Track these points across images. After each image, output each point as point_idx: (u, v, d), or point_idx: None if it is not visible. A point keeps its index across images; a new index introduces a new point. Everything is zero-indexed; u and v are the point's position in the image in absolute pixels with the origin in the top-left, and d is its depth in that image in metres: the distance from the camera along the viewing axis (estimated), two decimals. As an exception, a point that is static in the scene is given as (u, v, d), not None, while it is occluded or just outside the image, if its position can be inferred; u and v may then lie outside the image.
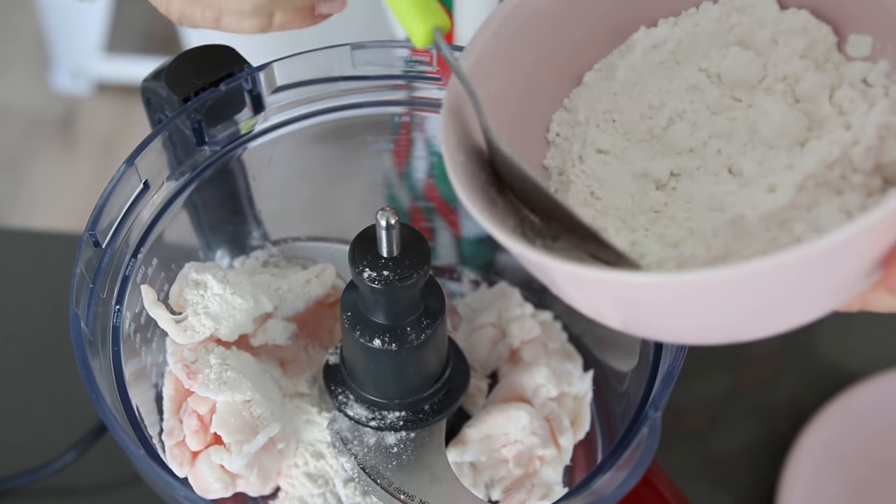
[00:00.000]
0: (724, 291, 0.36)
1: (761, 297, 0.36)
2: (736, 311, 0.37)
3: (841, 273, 0.37)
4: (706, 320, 0.38)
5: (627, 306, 0.38)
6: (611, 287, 0.37)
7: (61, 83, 1.69)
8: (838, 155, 0.40)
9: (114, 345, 0.48)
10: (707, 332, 0.40)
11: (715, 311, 0.37)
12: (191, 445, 0.50)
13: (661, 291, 0.36)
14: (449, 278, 0.63)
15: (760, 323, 0.38)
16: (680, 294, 0.36)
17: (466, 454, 0.52)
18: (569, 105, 0.46)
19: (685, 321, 0.39)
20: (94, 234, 0.47)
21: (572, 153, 0.45)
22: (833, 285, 0.37)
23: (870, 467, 0.69)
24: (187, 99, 0.51)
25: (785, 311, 0.38)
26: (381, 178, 0.61)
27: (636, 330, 0.40)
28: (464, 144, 0.42)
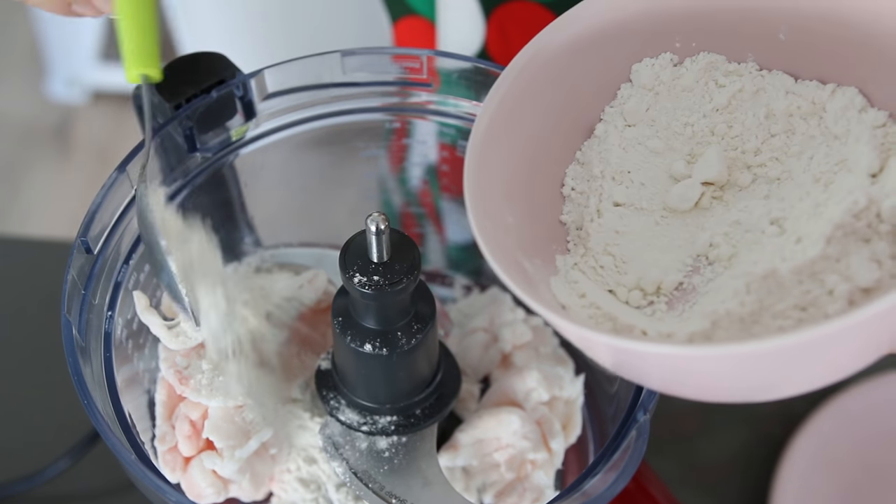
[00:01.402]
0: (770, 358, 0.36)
1: (814, 359, 0.37)
2: (771, 374, 0.37)
3: (878, 334, 0.37)
4: (741, 382, 0.38)
5: (662, 371, 0.39)
6: (638, 355, 0.37)
7: (57, 91, 1.69)
8: (865, 204, 0.40)
9: (106, 351, 0.48)
10: (740, 391, 0.40)
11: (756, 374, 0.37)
12: (183, 451, 0.51)
13: (701, 362, 0.36)
14: (441, 284, 0.63)
15: (803, 381, 0.39)
16: (714, 362, 0.36)
17: (458, 458, 0.52)
18: (581, 158, 0.45)
19: (716, 385, 0.39)
20: (86, 241, 0.48)
21: (590, 208, 0.44)
22: (869, 346, 0.38)
23: (862, 471, 0.69)
24: (179, 106, 0.51)
25: (824, 371, 0.38)
26: (372, 184, 0.61)
27: (668, 390, 0.41)
28: (488, 208, 0.42)
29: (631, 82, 0.46)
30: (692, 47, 0.45)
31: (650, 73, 0.45)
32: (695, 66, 0.45)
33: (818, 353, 0.36)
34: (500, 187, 0.42)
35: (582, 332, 0.37)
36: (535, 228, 0.43)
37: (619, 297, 0.43)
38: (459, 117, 0.54)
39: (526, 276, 0.41)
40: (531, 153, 0.44)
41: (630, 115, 0.45)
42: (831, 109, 0.43)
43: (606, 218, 0.44)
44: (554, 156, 0.45)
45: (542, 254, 0.43)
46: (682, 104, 0.45)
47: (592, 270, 0.43)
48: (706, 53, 0.45)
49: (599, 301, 0.42)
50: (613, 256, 0.43)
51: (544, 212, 0.45)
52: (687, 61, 0.45)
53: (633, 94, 0.46)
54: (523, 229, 0.43)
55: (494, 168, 0.43)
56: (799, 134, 0.44)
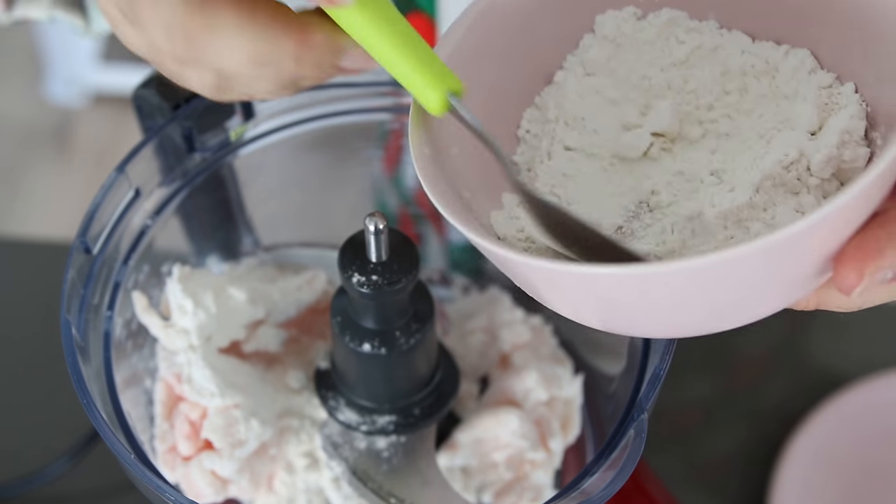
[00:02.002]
0: (682, 284, 0.36)
1: (719, 292, 0.37)
2: (695, 304, 0.38)
3: (795, 269, 0.37)
4: (665, 314, 0.39)
5: (596, 301, 0.39)
6: (581, 281, 0.37)
7: (56, 93, 1.69)
8: (795, 157, 0.41)
9: (105, 351, 0.48)
10: (668, 325, 0.40)
11: (673, 304, 0.38)
12: (182, 450, 0.51)
13: (622, 284, 0.37)
14: (439, 284, 0.63)
15: (717, 318, 0.39)
16: (638, 286, 0.37)
17: (457, 458, 0.52)
18: (539, 103, 0.46)
19: (645, 315, 0.39)
20: (85, 241, 0.48)
21: (541, 150, 0.45)
22: (787, 281, 0.38)
23: (862, 471, 0.69)
24: (178, 106, 0.51)
25: (740, 306, 0.38)
26: (371, 185, 0.61)
27: (610, 325, 0.41)
28: (431, 137, 0.42)
29: (594, 33, 0.46)
30: (655, 2, 0.46)
31: (613, 25, 0.46)
32: (657, 20, 0.46)
33: (724, 280, 0.37)
34: (449, 121, 0.43)
35: (507, 255, 0.38)
36: (485, 165, 0.44)
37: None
38: (458, 117, 0.54)
39: (463, 206, 0.42)
40: (488, 95, 0.45)
41: (590, 65, 0.46)
42: (783, 70, 0.45)
43: (556, 160, 0.45)
44: (512, 100, 0.46)
45: (489, 191, 0.44)
46: (642, 57, 0.46)
47: None
48: (669, 9, 0.46)
49: (536, 236, 0.43)
50: (559, 197, 0.44)
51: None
52: (650, 16, 0.46)
53: (594, 44, 0.46)
54: (471, 163, 0.43)
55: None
56: (752, 92, 0.45)
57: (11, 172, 1.65)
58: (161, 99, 0.51)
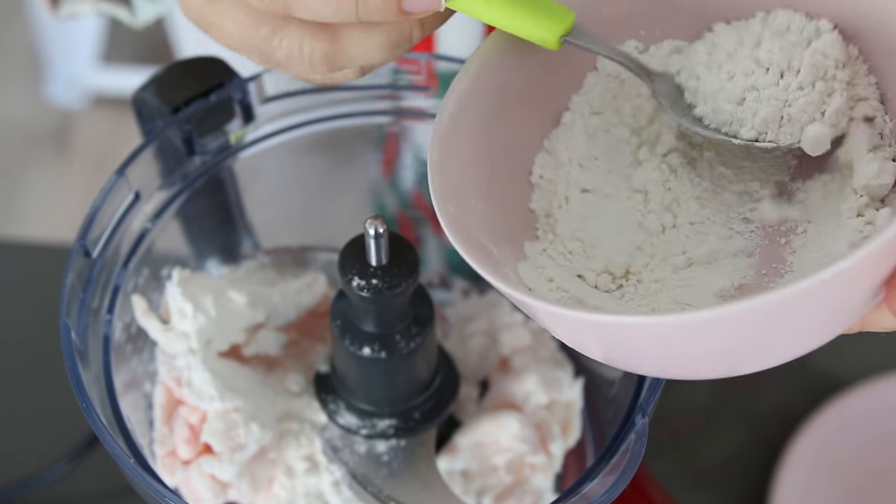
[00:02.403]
0: (728, 325, 0.36)
1: (769, 330, 0.36)
2: (739, 345, 0.37)
3: (847, 298, 0.37)
4: (708, 354, 0.38)
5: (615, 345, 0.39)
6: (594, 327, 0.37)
7: (56, 95, 1.69)
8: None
9: (104, 354, 0.48)
10: (709, 366, 0.40)
11: (717, 344, 0.37)
12: (182, 454, 0.51)
13: (669, 331, 0.36)
14: (439, 287, 0.63)
15: (760, 355, 0.39)
16: (675, 333, 0.36)
17: (457, 462, 0.52)
18: (549, 147, 0.46)
19: (682, 358, 0.39)
20: (85, 244, 0.48)
21: (558, 195, 0.45)
22: (838, 311, 0.37)
23: (862, 475, 0.69)
24: (178, 109, 0.51)
25: (789, 339, 0.38)
26: (370, 188, 0.61)
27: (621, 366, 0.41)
28: (452, 193, 0.42)
29: (597, 70, 0.46)
30: (657, 35, 0.46)
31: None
32: (659, 52, 0.46)
33: (790, 315, 0.36)
34: (466, 174, 0.43)
35: (547, 308, 0.38)
36: (505, 216, 0.44)
37: (587, 282, 0.43)
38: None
39: (492, 259, 0.42)
40: (498, 142, 0.45)
41: (596, 103, 0.46)
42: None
43: (574, 204, 0.45)
44: (522, 145, 0.46)
45: (511, 241, 0.44)
46: (647, 90, 0.46)
47: (561, 256, 0.44)
48: (671, 41, 0.46)
49: (567, 285, 0.43)
50: (582, 241, 0.44)
51: (513, 200, 0.45)
52: (652, 48, 0.46)
53: (598, 82, 0.46)
54: (491, 215, 0.43)
55: (461, 154, 0.43)
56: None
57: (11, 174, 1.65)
58: (161, 102, 0.51)
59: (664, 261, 0.43)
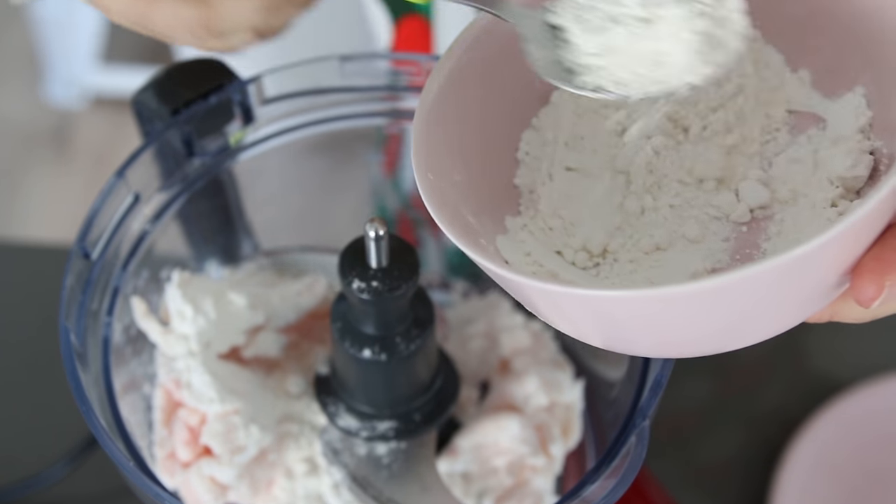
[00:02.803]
0: (697, 304, 0.36)
1: (734, 309, 0.37)
2: (711, 322, 0.37)
3: (812, 283, 0.37)
4: (679, 334, 0.39)
5: (602, 322, 0.39)
6: (583, 302, 0.37)
7: (55, 95, 1.69)
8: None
9: (104, 356, 0.48)
10: (682, 345, 0.40)
11: (689, 324, 0.37)
12: (181, 457, 0.51)
13: (632, 306, 0.36)
14: (439, 289, 0.63)
15: (733, 335, 0.39)
16: (649, 308, 0.36)
17: (457, 464, 0.52)
18: (537, 124, 0.46)
19: (657, 335, 0.39)
20: (84, 246, 0.48)
21: (542, 171, 0.45)
22: (805, 295, 0.38)
23: (862, 476, 0.69)
24: (177, 111, 0.51)
25: (757, 322, 0.38)
26: (371, 189, 0.61)
27: (614, 346, 0.41)
28: (434, 163, 0.42)
29: None
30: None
31: None
32: None
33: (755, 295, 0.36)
34: (451, 146, 0.43)
35: (518, 280, 0.38)
36: (488, 189, 0.44)
37: (566, 258, 0.43)
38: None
39: (470, 230, 0.42)
40: (486, 117, 0.45)
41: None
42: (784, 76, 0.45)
43: (558, 181, 0.45)
44: (510, 121, 0.46)
45: (492, 213, 0.44)
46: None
47: (541, 232, 0.44)
48: None
49: (543, 260, 0.43)
50: (562, 219, 0.44)
51: (498, 174, 0.45)
52: None
53: None
54: (474, 188, 0.43)
55: (446, 127, 0.43)
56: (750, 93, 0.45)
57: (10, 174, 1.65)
58: (160, 104, 0.51)
59: (640, 241, 0.43)
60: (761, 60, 0.45)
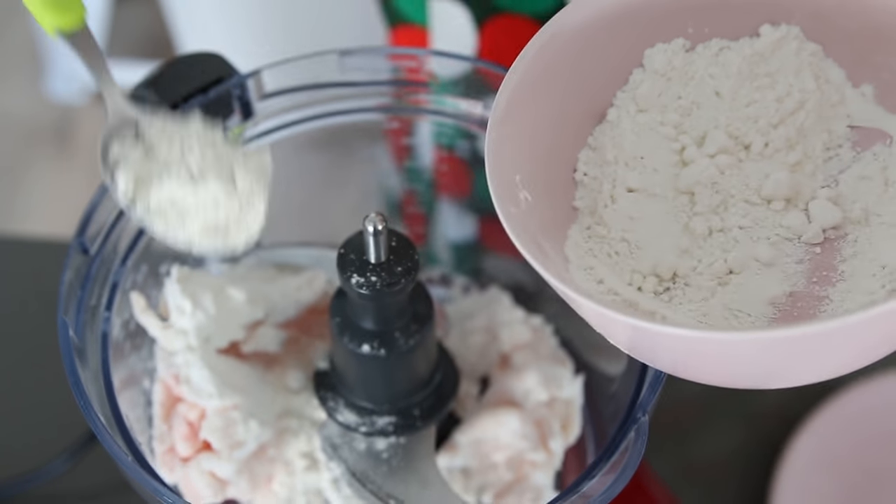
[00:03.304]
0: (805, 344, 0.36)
1: (858, 346, 0.37)
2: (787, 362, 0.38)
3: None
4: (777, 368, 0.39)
5: (685, 355, 0.39)
6: (681, 341, 0.37)
7: (56, 90, 1.69)
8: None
9: (103, 352, 0.48)
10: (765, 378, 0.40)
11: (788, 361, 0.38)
12: (181, 452, 0.50)
13: (734, 346, 0.36)
14: (439, 284, 0.63)
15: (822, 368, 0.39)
16: (751, 348, 0.36)
17: (457, 459, 0.52)
18: (594, 143, 0.45)
19: (741, 369, 0.39)
20: (83, 241, 0.48)
21: (603, 193, 0.44)
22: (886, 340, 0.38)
23: (862, 472, 0.69)
24: (176, 106, 0.51)
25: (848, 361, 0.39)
26: (370, 184, 0.61)
27: (683, 374, 0.41)
28: (512, 194, 0.42)
29: (643, 67, 0.46)
30: (705, 33, 0.45)
31: (663, 59, 0.45)
32: (707, 51, 0.45)
33: (843, 341, 0.36)
34: (517, 169, 0.42)
35: (619, 318, 0.37)
36: (550, 211, 0.43)
37: (634, 284, 0.43)
38: (457, 117, 0.53)
39: (547, 258, 0.41)
40: (546, 137, 0.44)
41: (642, 101, 0.46)
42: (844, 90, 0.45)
43: (620, 204, 0.44)
44: (568, 140, 0.45)
45: (555, 237, 0.43)
46: (695, 89, 0.46)
47: (607, 257, 0.43)
48: (718, 39, 0.46)
49: (618, 288, 0.42)
50: (628, 242, 0.43)
51: (559, 196, 0.45)
52: (699, 47, 0.46)
53: (645, 80, 0.46)
54: (541, 211, 0.43)
55: (511, 150, 0.43)
56: (811, 109, 0.45)
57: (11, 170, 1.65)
58: (159, 98, 0.51)
59: (712, 265, 0.42)
60: (822, 76, 0.44)
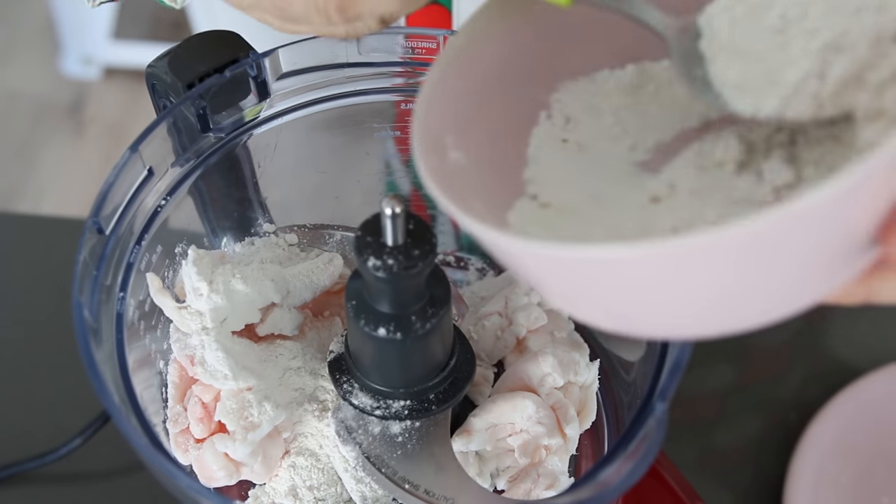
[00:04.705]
0: (692, 261, 0.32)
1: (737, 272, 0.32)
2: (706, 289, 0.34)
3: (824, 243, 0.32)
4: (673, 305, 0.35)
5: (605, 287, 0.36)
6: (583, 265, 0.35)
7: (70, 69, 1.69)
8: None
9: (117, 332, 0.47)
10: (686, 319, 0.37)
11: (680, 292, 0.34)
12: (195, 433, 0.50)
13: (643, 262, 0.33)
14: (455, 267, 0.62)
15: (739, 308, 0.35)
16: (660, 264, 0.33)
17: (472, 443, 0.52)
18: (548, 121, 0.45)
19: (661, 305, 0.36)
20: (98, 221, 0.47)
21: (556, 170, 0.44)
22: (817, 260, 0.33)
23: (879, 458, 0.68)
24: (192, 85, 0.50)
25: (768, 291, 0.34)
26: (386, 166, 0.60)
27: (620, 325, 0.38)
28: (438, 149, 0.41)
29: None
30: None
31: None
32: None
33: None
34: (449, 129, 0.42)
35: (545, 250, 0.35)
36: (494, 179, 0.42)
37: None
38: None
39: (470, 210, 0.39)
40: (494, 105, 0.44)
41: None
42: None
43: (561, 161, 0.44)
44: (521, 113, 0.45)
45: (496, 203, 0.42)
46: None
47: (554, 229, 0.42)
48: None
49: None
50: (578, 215, 0.42)
51: (506, 166, 0.44)
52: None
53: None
54: (476, 175, 0.42)
55: (445, 110, 0.42)
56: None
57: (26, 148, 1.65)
58: (174, 77, 0.50)
59: (656, 227, 0.40)
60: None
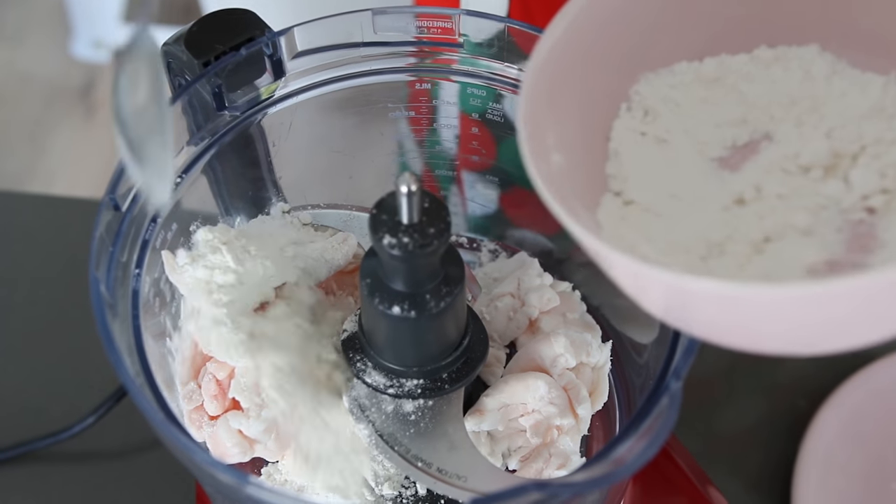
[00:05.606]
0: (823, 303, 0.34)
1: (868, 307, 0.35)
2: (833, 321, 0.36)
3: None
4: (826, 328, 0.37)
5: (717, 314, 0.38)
6: (719, 297, 0.36)
7: (81, 51, 1.69)
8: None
9: (133, 308, 0.48)
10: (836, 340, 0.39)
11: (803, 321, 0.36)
12: (209, 410, 0.51)
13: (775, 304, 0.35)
14: (468, 248, 0.62)
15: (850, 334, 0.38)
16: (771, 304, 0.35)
17: (484, 423, 0.52)
18: (628, 114, 0.46)
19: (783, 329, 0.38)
20: (114, 198, 0.47)
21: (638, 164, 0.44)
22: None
23: (889, 445, 0.68)
24: (207, 63, 0.50)
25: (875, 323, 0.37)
26: (399, 146, 0.60)
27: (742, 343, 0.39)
28: (544, 153, 0.41)
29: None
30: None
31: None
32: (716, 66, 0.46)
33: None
34: (549, 129, 0.42)
35: (655, 274, 0.36)
36: (585, 177, 0.43)
37: (668, 255, 0.42)
38: (489, 78, 0.53)
39: (580, 219, 0.40)
40: (581, 100, 0.44)
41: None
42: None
43: (655, 175, 0.44)
44: (602, 106, 0.45)
45: (589, 204, 0.43)
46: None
47: (641, 227, 0.42)
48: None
49: (652, 257, 0.41)
50: (662, 214, 0.43)
51: (592, 163, 0.44)
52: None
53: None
54: (573, 175, 0.42)
55: (544, 111, 0.42)
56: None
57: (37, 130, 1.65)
58: (190, 56, 0.50)
59: (747, 233, 0.41)
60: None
